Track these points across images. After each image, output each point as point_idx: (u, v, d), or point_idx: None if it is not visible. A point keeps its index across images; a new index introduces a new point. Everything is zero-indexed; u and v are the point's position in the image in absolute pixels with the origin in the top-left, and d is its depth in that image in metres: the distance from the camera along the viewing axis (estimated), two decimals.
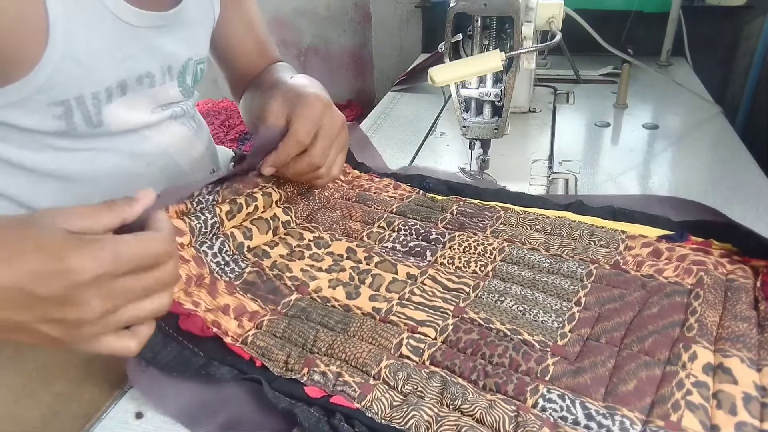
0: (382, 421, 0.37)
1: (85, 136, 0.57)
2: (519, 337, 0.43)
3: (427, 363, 0.42)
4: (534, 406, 0.37)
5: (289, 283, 0.51)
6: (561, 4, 0.77)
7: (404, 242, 0.56)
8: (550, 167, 0.79)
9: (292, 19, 2.00)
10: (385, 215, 0.60)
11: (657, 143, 0.86)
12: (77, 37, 0.51)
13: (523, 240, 0.55)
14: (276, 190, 0.58)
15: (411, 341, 0.43)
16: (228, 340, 0.44)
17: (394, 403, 0.38)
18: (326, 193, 0.64)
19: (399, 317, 0.46)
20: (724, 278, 0.48)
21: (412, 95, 1.12)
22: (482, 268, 0.51)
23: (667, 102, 1.03)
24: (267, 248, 0.54)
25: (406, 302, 0.48)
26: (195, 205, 0.53)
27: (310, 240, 0.56)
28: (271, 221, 0.56)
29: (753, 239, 0.49)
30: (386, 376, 0.40)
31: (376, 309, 0.47)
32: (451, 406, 0.38)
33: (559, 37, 0.67)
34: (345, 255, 0.54)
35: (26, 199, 0.57)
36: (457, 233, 0.56)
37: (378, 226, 0.58)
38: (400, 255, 0.54)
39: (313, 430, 0.36)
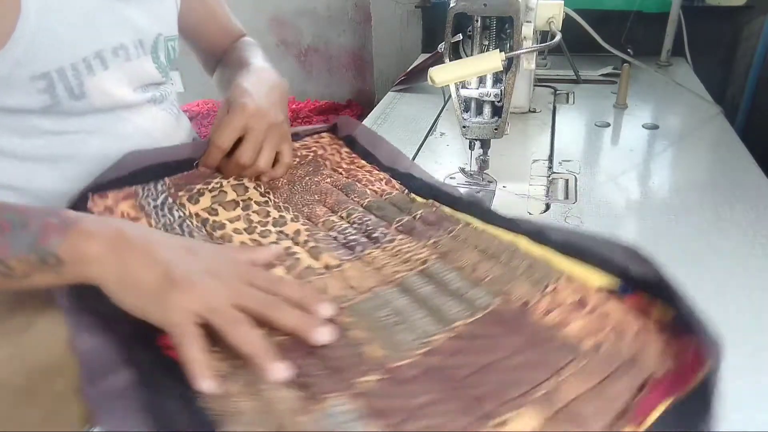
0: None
1: (70, 113, 0.58)
2: (365, 347, 0.41)
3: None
4: (321, 411, 0.36)
5: None
6: (561, 4, 0.77)
7: (347, 233, 0.55)
8: (550, 167, 0.79)
9: (292, 19, 2.00)
10: (352, 206, 0.60)
11: (657, 143, 0.86)
12: (51, 9, 0.53)
13: (456, 257, 0.52)
14: (253, 181, 0.61)
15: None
16: None
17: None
18: (317, 178, 0.65)
19: None
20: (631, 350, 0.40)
21: (412, 95, 1.12)
22: (393, 275, 0.50)
23: (667, 102, 1.03)
24: (227, 222, 0.56)
25: None
26: (145, 199, 0.57)
27: (275, 218, 0.57)
28: (241, 201, 0.58)
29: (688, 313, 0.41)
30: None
31: None
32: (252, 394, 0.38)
33: (559, 37, 0.67)
34: (290, 235, 0.55)
35: (23, 186, 0.58)
36: (398, 236, 0.55)
37: (339, 216, 0.58)
38: (333, 245, 0.54)
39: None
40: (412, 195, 0.64)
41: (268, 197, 0.59)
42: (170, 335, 0.39)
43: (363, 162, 0.70)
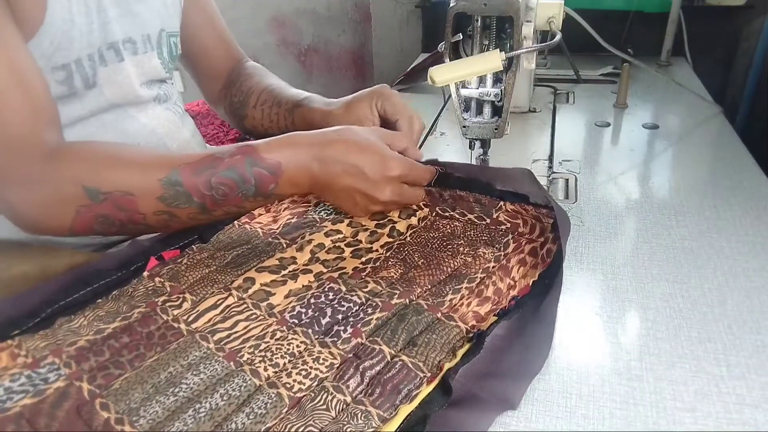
0: None
1: (82, 104, 0.59)
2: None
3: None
4: None
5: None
6: (561, 4, 0.77)
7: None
8: (550, 167, 0.79)
9: (292, 19, 2.00)
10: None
11: (657, 143, 0.86)
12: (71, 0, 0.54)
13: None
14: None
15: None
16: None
17: None
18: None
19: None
20: None
21: (412, 95, 1.12)
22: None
23: (667, 102, 1.03)
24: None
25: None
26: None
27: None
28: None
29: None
30: None
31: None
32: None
33: (559, 37, 0.67)
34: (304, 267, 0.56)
35: None
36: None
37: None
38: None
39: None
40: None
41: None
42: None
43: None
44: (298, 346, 0.45)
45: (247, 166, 0.53)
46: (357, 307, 0.49)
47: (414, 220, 0.61)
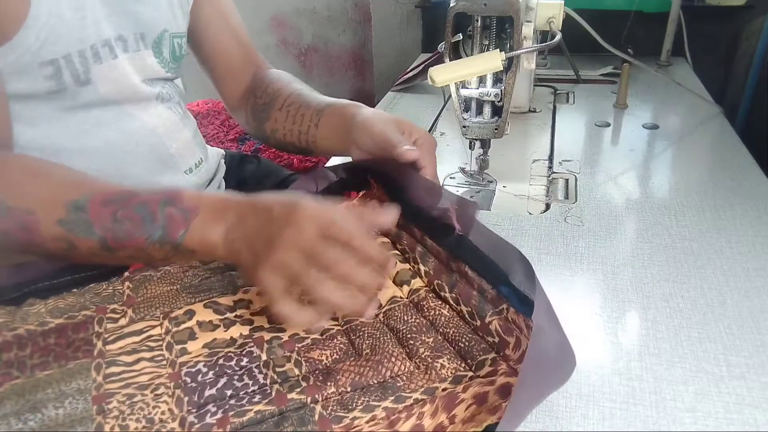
0: None
1: (76, 101, 0.59)
2: None
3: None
4: None
5: None
6: (561, 4, 0.77)
7: None
8: (550, 167, 0.79)
9: (292, 19, 2.00)
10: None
11: (657, 143, 0.86)
12: None
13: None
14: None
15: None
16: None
17: None
18: None
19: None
20: None
21: (412, 95, 1.12)
22: None
23: (667, 102, 1.03)
24: None
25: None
26: None
27: None
28: None
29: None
30: None
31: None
32: None
33: (559, 37, 0.67)
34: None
35: None
36: None
37: None
38: None
39: None
40: None
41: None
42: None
43: None
44: (162, 413, 0.40)
45: (161, 205, 0.47)
46: (255, 388, 0.43)
47: (405, 290, 0.52)
